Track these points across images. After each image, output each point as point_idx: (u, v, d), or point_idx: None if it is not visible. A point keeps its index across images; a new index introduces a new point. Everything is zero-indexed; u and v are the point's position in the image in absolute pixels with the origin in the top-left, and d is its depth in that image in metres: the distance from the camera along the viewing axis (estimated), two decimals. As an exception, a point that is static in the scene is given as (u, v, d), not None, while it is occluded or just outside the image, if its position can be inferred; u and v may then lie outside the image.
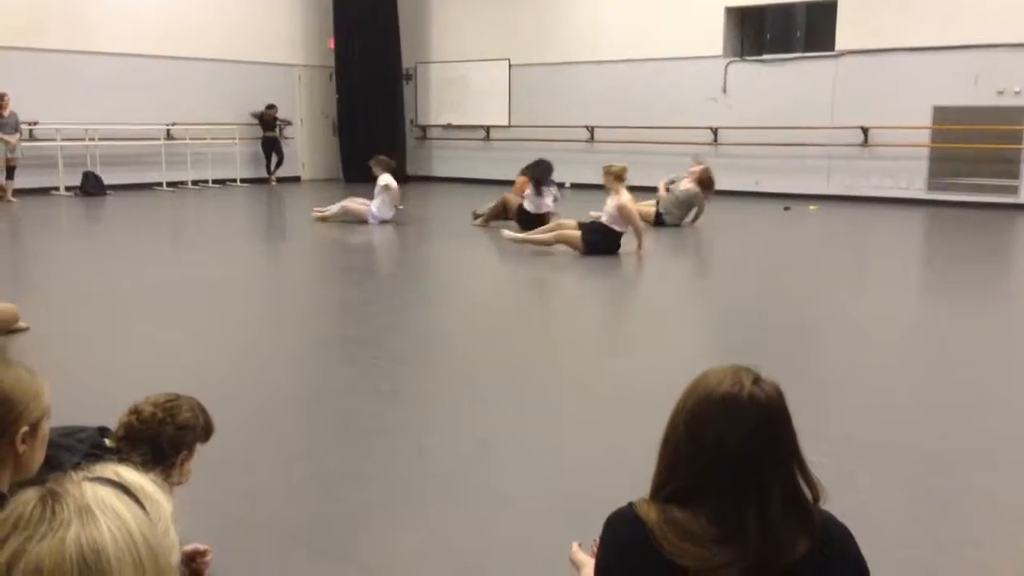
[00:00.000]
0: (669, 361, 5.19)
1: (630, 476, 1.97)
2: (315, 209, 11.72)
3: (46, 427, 1.92)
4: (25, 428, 1.82)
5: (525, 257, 8.94)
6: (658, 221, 11.05)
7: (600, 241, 8.81)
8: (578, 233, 8.94)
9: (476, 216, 11.42)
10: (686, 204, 11.20)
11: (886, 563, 2.19)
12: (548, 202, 10.63)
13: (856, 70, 13.94)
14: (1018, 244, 11.00)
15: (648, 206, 11.08)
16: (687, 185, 11.20)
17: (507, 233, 9.47)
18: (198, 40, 16.02)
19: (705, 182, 11.22)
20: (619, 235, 8.89)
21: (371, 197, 11.35)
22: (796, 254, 9.67)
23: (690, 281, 8.47)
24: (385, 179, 11.20)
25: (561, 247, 9.02)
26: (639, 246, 8.86)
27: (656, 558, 1.53)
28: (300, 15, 18.07)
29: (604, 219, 8.95)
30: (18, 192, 13.47)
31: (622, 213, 8.76)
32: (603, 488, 2.83)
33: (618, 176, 8.80)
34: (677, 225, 11.11)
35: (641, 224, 9.01)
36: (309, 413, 4.29)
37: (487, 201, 11.68)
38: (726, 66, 15.18)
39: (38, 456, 1.88)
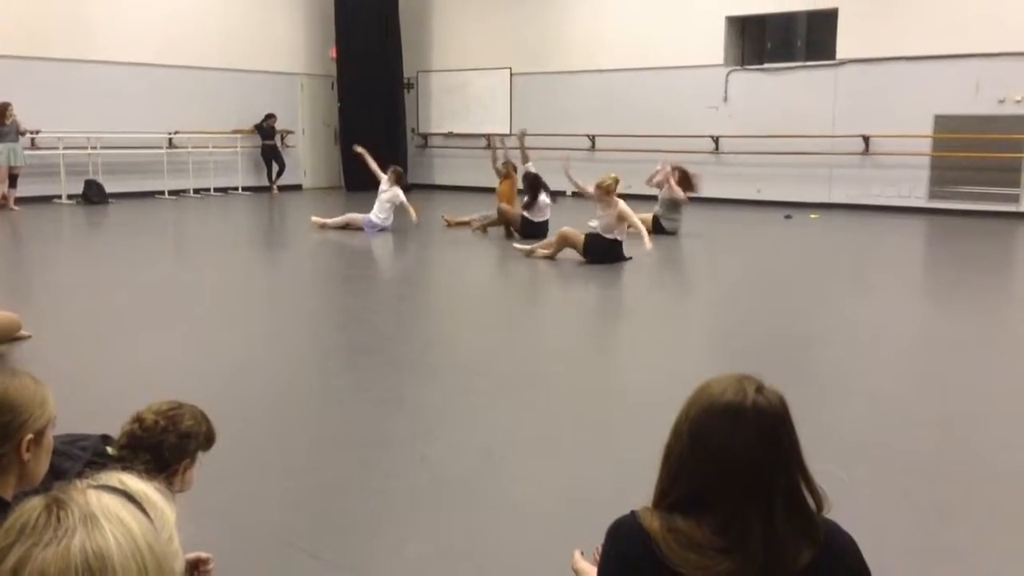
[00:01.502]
0: (672, 369, 5.19)
1: (632, 484, 1.97)
2: (314, 217, 11.77)
3: (50, 436, 1.92)
4: (30, 436, 1.82)
5: (528, 265, 8.94)
6: (657, 228, 11.04)
7: (599, 248, 8.88)
8: (582, 236, 9.01)
9: (449, 224, 11.87)
10: (672, 204, 11.17)
11: (890, 572, 2.19)
12: (544, 209, 10.81)
13: (857, 79, 13.96)
14: (1019, 253, 11.00)
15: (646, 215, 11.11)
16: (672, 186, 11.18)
17: (518, 245, 9.56)
18: (200, 49, 16.05)
19: (684, 182, 11.23)
20: (618, 243, 8.93)
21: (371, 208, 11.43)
22: (798, 262, 9.66)
23: (692, 289, 8.48)
24: (397, 192, 11.34)
25: (566, 252, 9.07)
26: (646, 243, 8.93)
27: (659, 567, 1.53)
28: (302, 24, 18.12)
29: (598, 228, 9.04)
30: (20, 200, 13.49)
31: (623, 216, 8.84)
32: (605, 496, 2.83)
33: (608, 190, 8.91)
34: (675, 232, 11.09)
35: (639, 221, 9.06)
36: (311, 421, 4.29)
37: (468, 211, 12.17)
38: (727, 75, 15.20)
39: (42, 465, 1.88)
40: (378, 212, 11.32)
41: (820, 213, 13.49)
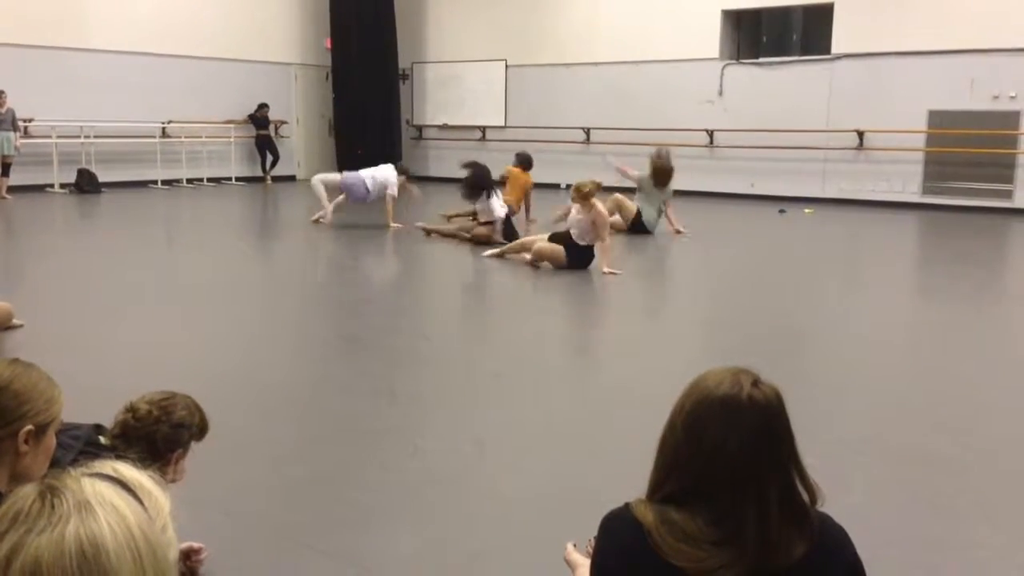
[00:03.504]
0: (665, 363, 5.19)
1: (626, 476, 1.97)
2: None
3: (52, 438, 1.90)
4: (30, 427, 1.81)
5: (519, 261, 8.92)
6: (638, 227, 10.57)
7: (576, 256, 8.32)
8: (558, 249, 8.38)
9: (448, 219, 11.30)
10: (649, 195, 10.71)
11: (883, 564, 2.19)
12: (497, 206, 9.99)
13: (852, 74, 13.97)
14: (1012, 248, 11.03)
15: (631, 205, 10.72)
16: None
17: (487, 252, 9.06)
18: (194, 38, 16.00)
19: (658, 172, 10.71)
20: (591, 248, 8.35)
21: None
22: (791, 257, 9.68)
23: (686, 283, 8.48)
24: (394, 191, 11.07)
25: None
26: (606, 264, 8.10)
27: (652, 559, 1.53)
28: (297, 14, 18.06)
29: (573, 232, 8.33)
30: (13, 189, 13.44)
31: (598, 222, 8.16)
32: (599, 488, 2.83)
33: (587, 196, 8.17)
34: (651, 232, 10.65)
35: (610, 240, 8.31)
36: (305, 413, 4.28)
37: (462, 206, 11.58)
38: (722, 69, 15.20)
39: (40, 465, 1.86)
40: (370, 183, 10.93)
41: (814, 207, 13.51)
